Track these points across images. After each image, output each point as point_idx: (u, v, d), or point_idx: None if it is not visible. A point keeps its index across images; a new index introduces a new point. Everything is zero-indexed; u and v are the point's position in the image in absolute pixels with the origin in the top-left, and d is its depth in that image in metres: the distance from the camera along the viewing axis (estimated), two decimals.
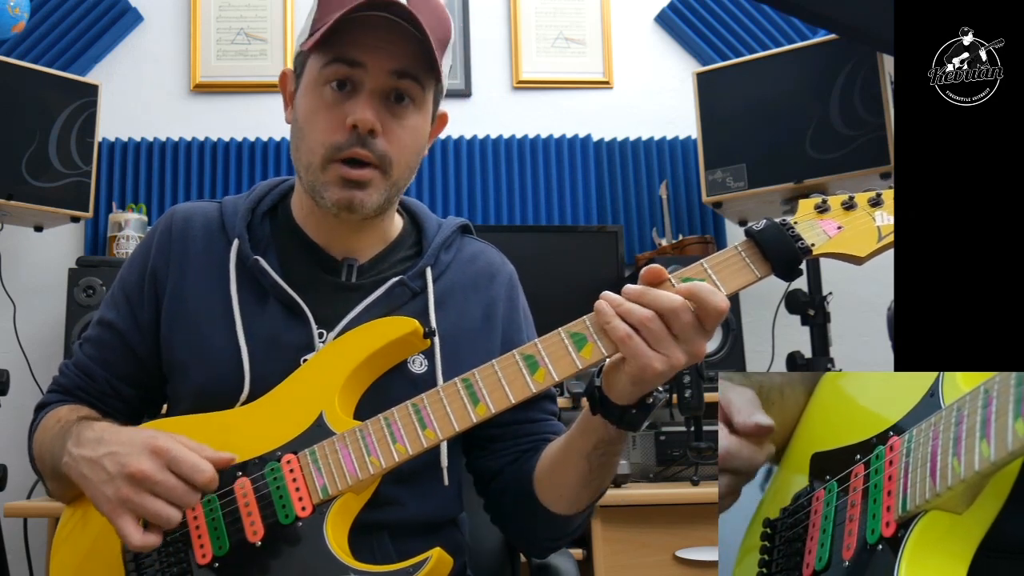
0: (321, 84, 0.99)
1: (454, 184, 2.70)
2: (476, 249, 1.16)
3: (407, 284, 1.06)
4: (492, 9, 2.83)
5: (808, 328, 2.23)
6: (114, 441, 0.91)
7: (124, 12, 2.71)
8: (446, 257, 1.11)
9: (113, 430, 0.94)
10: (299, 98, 1.03)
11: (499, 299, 1.12)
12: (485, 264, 1.14)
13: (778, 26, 2.78)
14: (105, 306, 1.11)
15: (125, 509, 0.87)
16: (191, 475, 0.88)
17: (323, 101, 0.99)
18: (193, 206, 1.12)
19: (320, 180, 1.00)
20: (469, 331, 1.08)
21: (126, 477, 0.87)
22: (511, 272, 1.17)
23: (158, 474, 0.87)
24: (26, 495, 2.20)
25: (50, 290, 2.48)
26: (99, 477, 0.89)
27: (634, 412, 0.88)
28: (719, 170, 2.35)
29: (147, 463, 0.87)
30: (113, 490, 0.88)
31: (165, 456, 0.88)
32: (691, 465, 2.01)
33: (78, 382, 1.09)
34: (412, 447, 0.91)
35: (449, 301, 1.08)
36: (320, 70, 0.99)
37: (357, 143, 0.97)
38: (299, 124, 1.02)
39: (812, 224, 0.90)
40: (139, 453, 0.88)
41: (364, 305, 1.04)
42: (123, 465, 0.88)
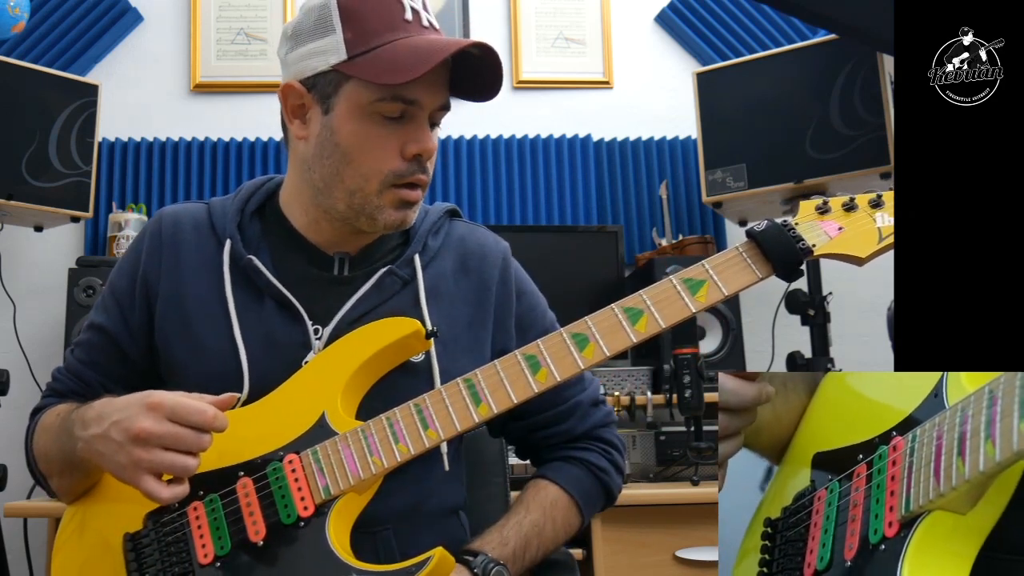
0: (371, 112, 0.98)
1: (454, 184, 2.70)
2: (465, 231, 1.15)
3: (396, 273, 1.06)
4: (492, 9, 2.83)
5: (808, 328, 2.23)
6: (113, 410, 0.92)
7: (124, 12, 2.71)
8: (434, 243, 1.11)
9: (108, 401, 0.94)
10: (337, 122, 0.99)
11: (492, 280, 1.12)
12: (476, 245, 1.14)
13: (778, 26, 2.78)
14: (96, 311, 1.11)
15: (141, 470, 0.88)
16: (195, 419, 0.88)
17: (375, 129, 0.99)
18: (180, 208, 1.12)
19: (375, 203, 1.01)
20: (461, 318, 1.08)
21: (132, 439, 0.88)
22: (504, 250, 1.16)
23: (160, 427, 0.87)
24: (26, 495, 2.19)
25: (50, 290, 2.47)
26: (110, 449, 0.90)
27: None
28: (719, 170, 2.35)
29: (147, 420, 0.88)
30: (125, 456, 0.89)
31: (163, 409, 0.88)
32: (691, 465, 2.01)
33: (71, 386, 1.09)
34: (414, 447, 0.91)
35: (441, 287, 1.08)
36: (373, 102, 0.97)
37: (419, 170, 1.01)
38: (342, 148, 0.99)
39: (813, 225, 0.91)
40: (137, 413, 0.89)
41: (355, 298, 1.04)
42: (127, 430, 0.88)
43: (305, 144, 1.03)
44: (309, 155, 1.03)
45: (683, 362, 1.93)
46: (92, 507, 1.00)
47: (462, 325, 1.07)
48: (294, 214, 1.09)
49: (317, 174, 1.02)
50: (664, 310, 0.88)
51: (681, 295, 0.88)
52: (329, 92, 1.00)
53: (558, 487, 1.08)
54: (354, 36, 0.97)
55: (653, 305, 0.89)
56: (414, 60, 0.94)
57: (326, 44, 0.99)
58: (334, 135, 1.00)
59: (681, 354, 1.95)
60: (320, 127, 1.01)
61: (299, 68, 1.02)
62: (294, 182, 1.09)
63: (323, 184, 1.02)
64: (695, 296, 0.88)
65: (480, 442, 1.26)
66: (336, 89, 0.99)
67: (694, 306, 0.88)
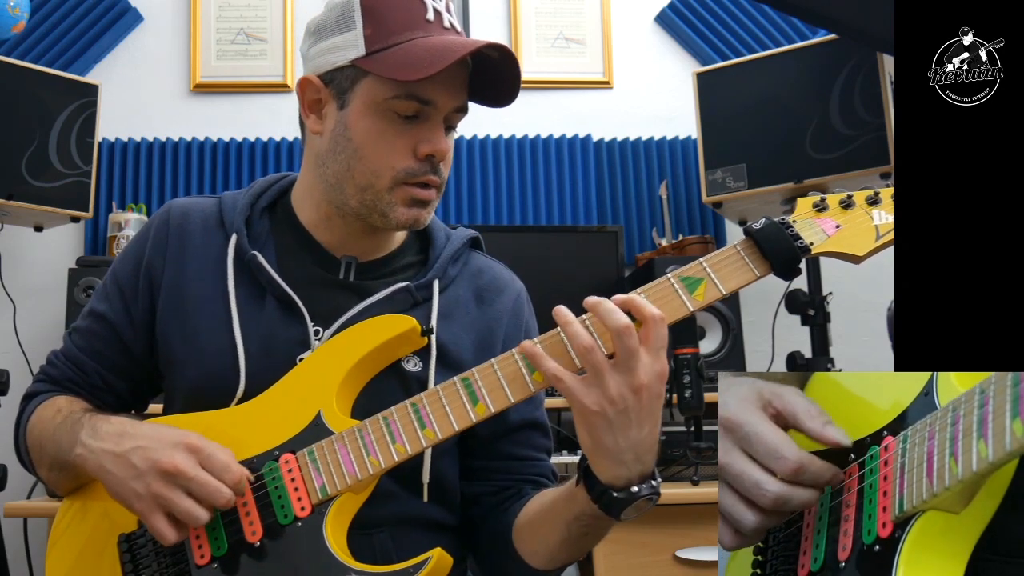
0: (385, 110, 0.98)
1: (454, 184, 2.70)
2: (483, 264, 1.15)
3: (412, 292, 1.05)
4: (492, 9, 2.83)
5: (808, 328, 2.23)
6: (140, 436, 0.91)
7: (124, 12, 2.71)
8: (452, 271, 1.10)
9: (134, 424, 0.94)
10: (352, 117, 0.99)
11: (503, 315, 1.11)
12: (492, 279, 1.14)
13: (778, 26, 2.78)
14: (97, 298, 1.10)
15: (157, 505, 0.88)
16: (221, 474, 0.88)
17: (389, 126, 0.99)
18: (191, 201, 1.11)
19: (385, 200, 1.00)
20: (469, 343, 1.07)
21: (159, 472, 0.87)
22: (520, 289, 1.16)
23: (193, 470, 0.87)
24: (26, 495, 2.20)
25: (50, 290, 2.47)
26: (126, 473, 0.89)
27: (615, 495, 0.84)
28: (719, 170, 2.34)
29: (181, 458, 0.87)
30: (143, 486, 0.88)
31: (200, 453, 0.88)
32: (691, 465, 2.01)
33: (68, 374, 1.08)
34: (411, 447, 0.91)
35: (454, 312, 1.07)
36: (388, 99, 0.97)
37: (431, 171, 1.00)
38: (355, 143, 0.99)
39: (810, 223, 0.90)
40: (172, 448, 0.88)
41: (364, 305, 1.03)
42: (155, 461, 0.88)
43: (320, 139, 1.03)
44: (323, 150, 1.03)
45: (683, 362, 1.93)
46: (87, 505, 1.00)
47: (469, 350, 1.06)
48: (305, 211, 1.09)
49: (330, 169, 1.02)
50: (661, 309, 0.88)
51: (679, 293, 0.88)
52: (346, 87, 1.00)
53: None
54: (373, 32, 0.97)
55: (651, 304, 0.88)
56: (429, 58, 0.94)
57: (346, 40, 0.99)
58: (348, 130, 1.00)
59: (681, 354, 1.94)
60: (335, 122, 1.01)
61: (318, 63, 1.02)
62: (308, 178, 1.08)
63: (335, 180, 1.02)
64: (693, 295, 0.88)
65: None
66: (353, 84, 0.99)
67: (692, 305, 0.88)
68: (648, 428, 0.82)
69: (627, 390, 0.80)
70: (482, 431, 1.06)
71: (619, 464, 0.83)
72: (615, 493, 0.84)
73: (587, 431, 0.83)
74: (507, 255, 1.20)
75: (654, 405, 0.82)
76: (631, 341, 0.79)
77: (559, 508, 0.94)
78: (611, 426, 0.81)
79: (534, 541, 0.99)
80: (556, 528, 0.94)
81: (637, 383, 0.80)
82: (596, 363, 0.80)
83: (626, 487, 0.84)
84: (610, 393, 0.80)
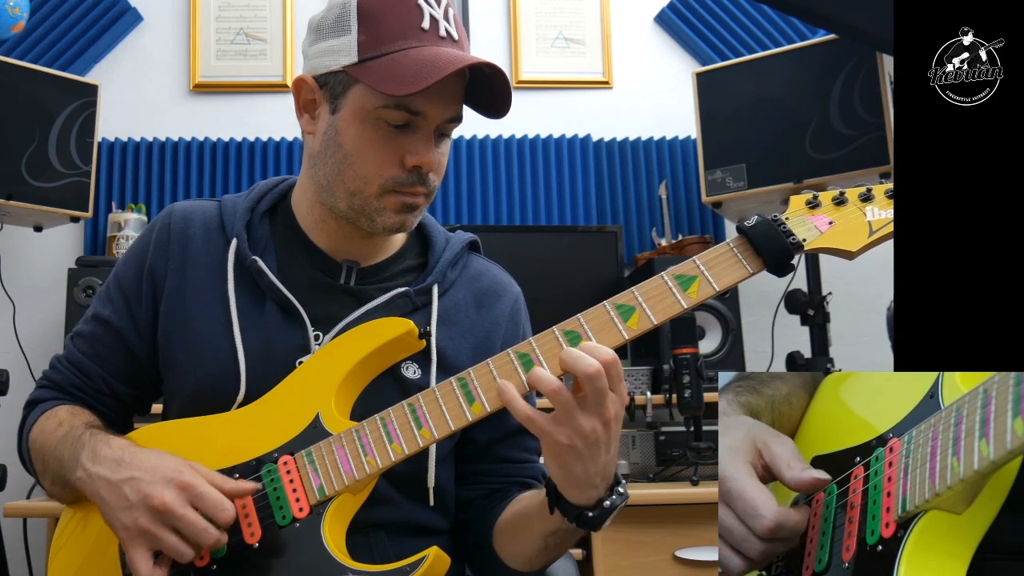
0: (375, 118, 0.98)
1: (453, 184, 2.70)
2: (482, 267, 1.15)
3: (411, 297, 1.05)
4: (492, 9, 2.83)
5: (808, 328, 2.23)
6: (136, 466, 0.91)
7: (124, 12, 2.71)
8: (452, 275, 1.10)
9: (132, 451, 0.94)
10: (343, 123, 0.99)
11: (502, 320, 1.11)
12: (491, 283, 1.14)
13: (778, 26, 2.78)
14: (99, 302, 1.09)
15: (142, 539, 0.88)
16: (213, 513, 0.88)
17: (378, 134, 0.98)
18: (192, 204, 1.11)
19: (373, 206, 1.00)
20: (467, 348, 1.07)
21: (148, 508, 0.87)
22: (517, 293, 1.16)
23: (181, 509, 0.87)
24: (26, 495, 2.20)
25: (50, 290, 2.47)
26: (118, 503, 0.89)
27: (591, 515, 0.87)
28: (719, 170, 2.34)
29: (171, 496, 0.87)
30: (131, 519, 0.88)
31: (191, 492, 0.88)
32: (690, 465, 2.01)
33: (73, 379, 1.08)
34: (408, 447, 0.91)
35: (453, 316, 1.08)
36: (377, 108, 0.97)
37: (418, 182, 1.00)
38: (344, 149, 0.99)
39: (803, 219, 0.90)
40: (163, 484, 0.88)
41: (364, 310, 1.03)
42: (146, 495, 0.88)
43: (312, 139, 1.04)
44: (316, 151, 1.03)
45: (683, 362, 1.93)
46: (88, 516, 0.99)
47: (467, 355, 1.06)
48: (302, 213, 1.09)
49: (321, 171, 1.02)
50: (656, 307, 0.88)
51: (673, 291, 0.88)
52: (338, 92, 1.00)
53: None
54: (367, 39, 0.97)
55: (645, 302, 0.88)
56: (417, 73, 0.93)
57: (341, 44, 0.99)
58: (338, 135, 1.00)
59: (681, 354, 1.95)
60: (327, 125, 1.01)
61: (314, 64, 1.02)
62: (304, 179, 1.09)
63: (326, 182, 1.02)
64: (687, 292, 0.88)
65: None
66: (345, 90, 0.99)
67: (686, 302, 0.88)
68: (613, 449, 0.85)
69: (598, 424, 0.83)
70: (481, 437, 1.07)
71: (590, 488, 0.86)
72: (590, 513, 0.87)
73: (558, 463, 0.85)
74: (506, 255, 1.21)
75: (618, 429, 0.85)
76: (601, 383, 0.81)
77: (534, 523, 0.96)
78: (581, 457, 0.84)
79: (513, 547, 1.01)
80: (532, 541, 0.97)
81: (607, 416, 0.83)
82: (565, 403, 0.82)
83: (598, 504, 0.87)
84: (583, 429, 0.82)
